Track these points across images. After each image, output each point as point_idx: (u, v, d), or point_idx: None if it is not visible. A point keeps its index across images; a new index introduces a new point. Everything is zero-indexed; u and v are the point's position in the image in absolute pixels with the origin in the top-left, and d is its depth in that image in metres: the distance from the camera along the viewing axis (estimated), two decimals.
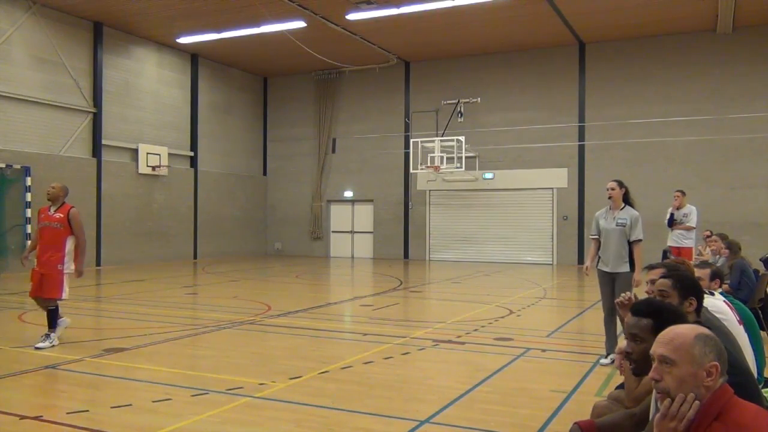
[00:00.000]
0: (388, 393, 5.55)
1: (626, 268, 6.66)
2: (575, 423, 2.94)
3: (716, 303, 3.87)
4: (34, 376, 6.04)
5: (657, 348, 2.23)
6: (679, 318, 2.61)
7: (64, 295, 7.44)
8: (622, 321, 3.47)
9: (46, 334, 7.33)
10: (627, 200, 6.88)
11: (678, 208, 11.20)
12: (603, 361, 6.65)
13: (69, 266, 7.48)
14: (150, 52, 20.63)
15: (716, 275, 5.41)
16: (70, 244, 7.49)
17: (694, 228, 11.22)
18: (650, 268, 3.97)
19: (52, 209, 7.55)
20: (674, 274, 3.33)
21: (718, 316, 3.63)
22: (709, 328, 2.99)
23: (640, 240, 6.69)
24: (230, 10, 17.51)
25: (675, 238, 11.18)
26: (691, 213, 11.16)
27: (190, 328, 8.74)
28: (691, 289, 3.18)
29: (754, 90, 18.63)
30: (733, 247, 8.52)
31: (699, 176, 18.70)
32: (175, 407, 5.03)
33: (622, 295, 3.69)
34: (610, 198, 6.88)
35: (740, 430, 2.00)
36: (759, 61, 18.64)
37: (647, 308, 2.74)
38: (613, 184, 6.89)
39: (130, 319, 9.51)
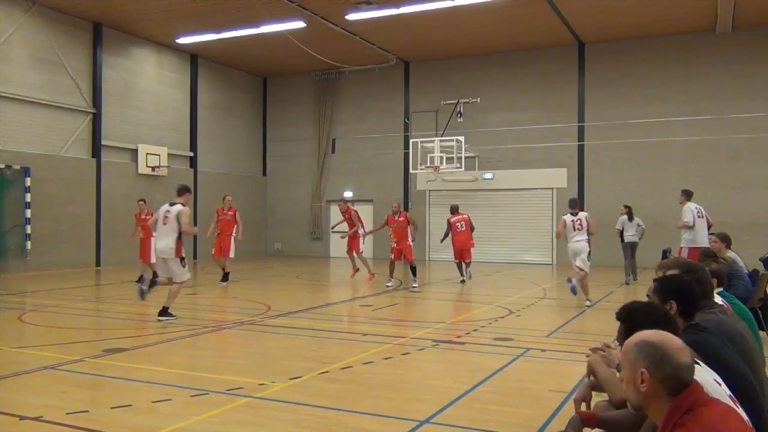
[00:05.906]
0: (388, 393, 5.55)
1: None
2: (577, 413, 2.94)
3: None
4: (34, 377, 6.03)
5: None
6: (652, 319, 2.60)
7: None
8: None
9: None
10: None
11: None
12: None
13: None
14: (149, 53, 20.62)
15: (714, 274, 5.39)
16: None
17: (682, 225, 11.38)
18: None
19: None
20: (660, 277, 3.36)
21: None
22: (705, 328, 3.01)
23: None
24: (230, 11, 17.50)
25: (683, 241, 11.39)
26: (683, 211, 11.45)
27: (189, 328, 8.74)
28: (671, 293, 3.15)
29: (754, 90, 18.62)
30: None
31: (699, 176, 18.67)
32: (175, 407, 5.03)
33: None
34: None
35: (702, 430, 1.99)
36: (759, 61, 18.62)
37: (620, 313, 2.84)
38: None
39: (129, 319, 9.50)
